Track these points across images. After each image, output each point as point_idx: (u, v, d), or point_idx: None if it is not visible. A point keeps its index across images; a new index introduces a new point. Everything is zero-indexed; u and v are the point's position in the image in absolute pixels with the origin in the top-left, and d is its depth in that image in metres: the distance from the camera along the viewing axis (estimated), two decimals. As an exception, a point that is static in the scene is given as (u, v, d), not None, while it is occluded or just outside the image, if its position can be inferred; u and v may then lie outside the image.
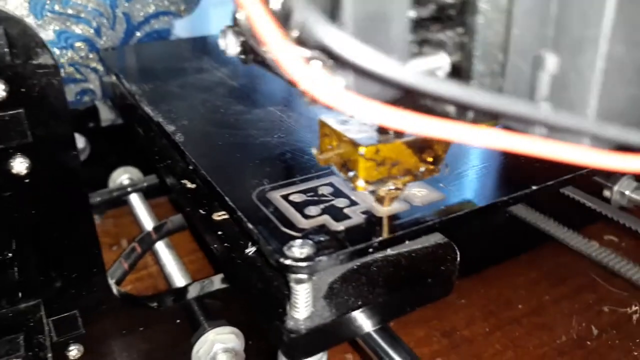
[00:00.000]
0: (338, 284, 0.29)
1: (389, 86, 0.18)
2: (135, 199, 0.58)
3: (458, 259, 0.31)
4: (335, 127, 0.29)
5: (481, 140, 0.17)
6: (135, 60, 0.57)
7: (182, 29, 0.66)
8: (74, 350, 0.37)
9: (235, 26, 0.25)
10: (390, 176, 0.28)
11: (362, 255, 0.27)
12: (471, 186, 0.32)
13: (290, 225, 0.28)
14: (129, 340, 0.39)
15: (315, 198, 0.30)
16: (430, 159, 0.29)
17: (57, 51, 0.58)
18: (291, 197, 0.30)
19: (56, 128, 0.31)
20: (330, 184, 0.32)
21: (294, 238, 0.27)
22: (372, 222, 0.28)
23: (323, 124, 0.30)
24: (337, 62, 0.17)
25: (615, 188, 0.48)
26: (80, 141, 0.60)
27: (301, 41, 0.17)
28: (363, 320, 0.29)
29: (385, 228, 0.28)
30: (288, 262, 0.25)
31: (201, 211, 0.34)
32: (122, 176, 0.62)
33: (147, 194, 0.59)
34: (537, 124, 0.19)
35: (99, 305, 0.36)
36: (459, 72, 0.21)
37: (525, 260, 0.52)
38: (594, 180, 0.49)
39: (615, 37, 0.17)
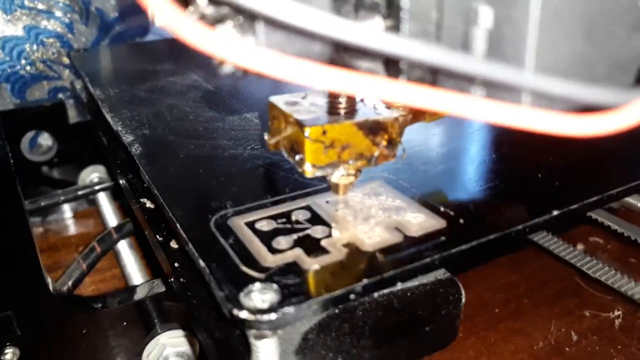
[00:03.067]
0: (314, 335, 0.23)
1: (310, 45, 0.17)
2: (102, 198, 0.55)
3: (463, 299, 0.25)
4: (283, 108, 0.26)
5: (410, 97, 0.16)
6: (106, 62, 0.54)
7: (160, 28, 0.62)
8: (9, 354, 0.34)
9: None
10: (341, 160, 0.26)
11: (340, 302, 0.22)
12: (478, 209, 0.27)
13: (253, 262, 0.22)
14: (70, 343, 0.37)
15: (288, 226, 0.25)
16: (384, 142, 0.26)
17: (27, 47, 0.54)
18: (258, 225, 0.25)
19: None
20: (308, 207, 0.26)
21: (255, 280, 0.21)
22: (356, 258, 0.23)
23: (272, 106, 0.27)
24: (248, 19, 0.16)
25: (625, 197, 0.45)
26: (47, 139, 0.57)
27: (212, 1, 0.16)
28: (345, 381, 0.23)
29: (372, 266, 0.22)
30: (244, 314, 0.20)
31: (158, 237, 0.29)
32: (92, 175, 0.59)
33: (116, 194, 0.56)
34: (474, 81, 0.17)
35: (35, 306, 0.34)
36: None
37: (505, 263, 0.50)
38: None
39: None
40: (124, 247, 0.48)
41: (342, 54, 0.19)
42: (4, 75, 0.55)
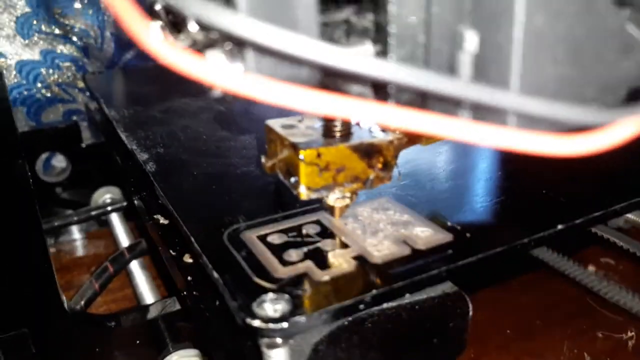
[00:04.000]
0: (324, 346, 0.24)
1: (298, 70, 0.17)
2: (115, 219, 0.56)
3: (470, 312, 0.26)
4: (279, 131, 0.27)
5: (397, 121, 0.16)
6: (120, 85, 0.55)
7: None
8: (24, 371, 0.34)
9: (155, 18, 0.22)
10: (336, 183, 0.26)
11: (350, 312, 0.22)
12: (484, 224, 0.27)
13: (265, 274, 0.23)
14: None
15: (299, 239, 0.26)
16: (379, 165, 0.27)
17: (43, 71, 0.56)
18: (269, 238, 0.26)
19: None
20: (318, 222, 0.27)
21: (267, 291, 0.22)
22: (365, 270, 0.23)
23: (269, 129, 0.28)
24: (237, 45, 0.17)
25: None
26: (62, 161, 0.58)
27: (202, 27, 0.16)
28: (354, 391, 0.24)
29: (381, 278, 0.23)
30: (256, 323, 0.20)
31: (171, 252, 0.29)
32: (104, 196, 0.60)
33: (128, 214, 0.57)
34: (462, 103, 0.17)
35: (51, 323, 0.34)
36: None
37: (517, 285, 0.50)
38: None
39: (532, 7, 0.16)
40: (136, 268, 0.48)
41: (331, 78, 0.20)
42: (20, 98, 0.56)
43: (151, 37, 0.15)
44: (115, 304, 0.50)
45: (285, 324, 0.21)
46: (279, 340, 0.21)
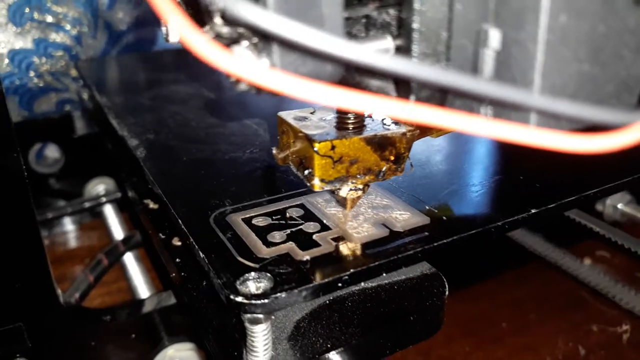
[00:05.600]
0: (305, 323, 0.25)
1: (321, 66, 0.17)
2: (109, 210, 0.55)
3: (446, 292, 0.27)
4: (292, 123, 0.27)
5: (422, 117, 0.16)
6: (112, 72, 0.55)
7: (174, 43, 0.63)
8: (20, 365, 0.34)
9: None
10: (349, 175, 0.26)
11: (329, 290, 0.23)
12: (461, 208, 0.28)
13: (249, 254, 0.24)
14: (80, 355, 0.37)
15: (282, 222, 0.26)
16: (392, 157, 0.27)
17: (36, 60, 0.56)
18: (254, 221, 0.27)
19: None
20: (301, 206, 0.28)
21: (251, 270, 0.23)
22: (344, 250, 0.24)
23: (281, 120, 0.28)
24: (263, 40, 0.17)
25: (608, 202, 0.46)
26: (54, 151, 0.58)
27: (228, 21, 0.16)
28: (334, 366, 0.25)
29: (359, 258, 0.24)
30: (240, 299, 0.21)
31: (161, 235, 0.30)
32: (98, 187, 0.60)
33: (122, 205, 0.57)
34: (484, 100, 0.18)
35: (46, 317, 0.34)
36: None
37: (511, 277, 0.50)
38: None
39: (556, 6, 0.16)
40: (130, 260, 0.48)
41: (353, 73, 0.20)
42: (12, 88, 0.56)
43: (183, 23, 0.15)
44: (110, 297, 0.50)
45: (266, 300, 0.22)
46: (261, 315, 0.22)
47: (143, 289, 0.46)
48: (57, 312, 0.35)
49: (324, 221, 0.27)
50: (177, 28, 0.15)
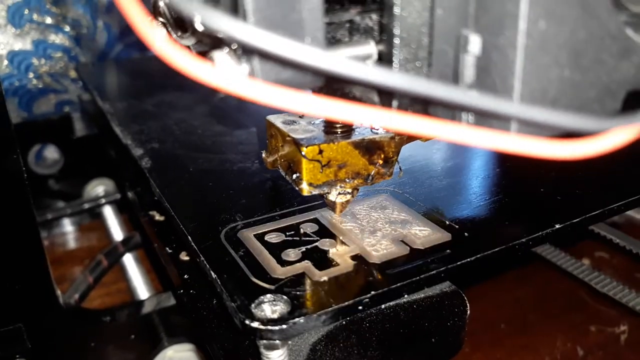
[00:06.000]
0: (322, 346, 0.24)
1: (302, 73, 0.17)
2: (108, 211, 0.55)
3: (468, 311, 0.26)
4: (281, 127, 0.27)
5: (402, 126, 0.16)
6: (113, 76, 0.54)
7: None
8: (19, 366, 0.34)
9: (158, 15, 0.23)
10: (337, 179, 0.26)
11: (349, 314, 0.22)
12: (482, 223, 0.27)
13: (263, 274, 0.23)
14: (80, 356, 0.37)
15: (296, 238, 0.25)
16: (380, 161, 0.27)
17: (35, 61, 0.55)
18: (267, 237, 0.26)
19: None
20: (315, 220, 0.27)
21: (266, 292, 0.22)
22: (363, 270, 0.23)
23: (270, 124, 0.28)
24: (243, 49, 0.16)
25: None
26: (54, 152, 0.58)
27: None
28: (353, 390, 0.24)
29: (380, 278, 0.23)
30: (255, 324, 0.20)
31: (168, 249, 0.29)
32: (97, 188, 0.59)
33: (122, 207, 0.57)
34: (464, 109, 0.17)
35: (46, 318, 0.34)
36: (383, 60, 0.19)
37: (511, 277, 0.50)
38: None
39: (535, 12, 0.16)
40: (129, 261, 0.48)
41: (335, 80, 0.19)
42: (11, 89, 0.55)
43: (156, 35, 0.15)
44: (109, 298, 0.49)
45: (284, 326, 0.20)
46: (277, 341, 0.21)
47: (142, 290, 0.45)
48: (56, 313, 0.35)
49: (340, 237, 0.26)
50: (151, 39, 0.15)
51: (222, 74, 0.15)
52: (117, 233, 0.53)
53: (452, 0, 0.17)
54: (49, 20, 0.55)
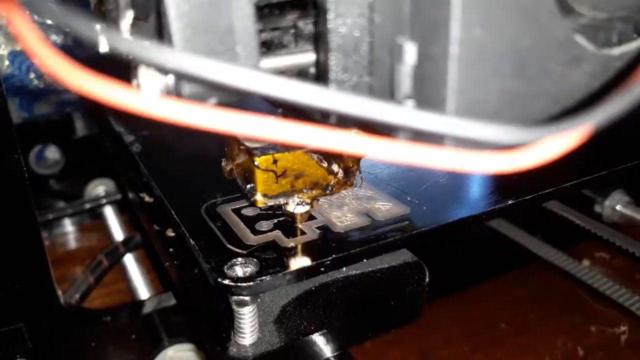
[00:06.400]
0: (291, 307, 0.26)
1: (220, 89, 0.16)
2: (109, 212, 0.56)
3: (427, 279, 0.28)
4: (237, 135, 0.26)
5: (331, 144, 0.15)
6: (110, 71, 0.55)
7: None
8: (20, 366, 0.34)
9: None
10: (294, 190, 0.26)
11: (312, 274, 0.24)
12: (441, 200, 0.30)
13: (237, 241, 0.25)
14: (80, 356, 0.37)
15: (270, 212, 0.28)
16: (339, 171, 0.26)
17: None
18: (243, 211, 0.28)
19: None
20: (289, 197, 0.29)
21: (238, 256, 0.24)
22: (328, 238, 0.26)
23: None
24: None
25: (606, 203, 0.46)
26: (55, 152, 0.58)
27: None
28: (319, 347, 0.26)
29: (341, 245, 0.25)
30: (227, 281, 0.23)
31: (155, 226, 0.32)
32: (98, 188, 0.60)
33: (123, 207, 0.57)
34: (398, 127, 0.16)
35: (46, 318, 0.34)
36: (321, 69, 0.18)
37: (511, 279, 0.50)
38: (584, 195, 0.47)
39: (470, 19, 0.15)
40: (130, 261, 0.48)
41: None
42: (12, 89, 0.56)
43: (55, 59, 0.14)
44: (110, 298, 0.50)
45: (252, 283, 0.23)
46: (247, 298, 0.23)
47: (143, 290, 0.46)
48: (57, 313, 0.35)
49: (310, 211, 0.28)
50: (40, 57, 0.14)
51: (146, 95, 0.15)
52: (118, 233, 0.53)
53: (390, 5, 0.16)
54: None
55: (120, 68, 0.17)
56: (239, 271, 0.23)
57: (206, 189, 0.30)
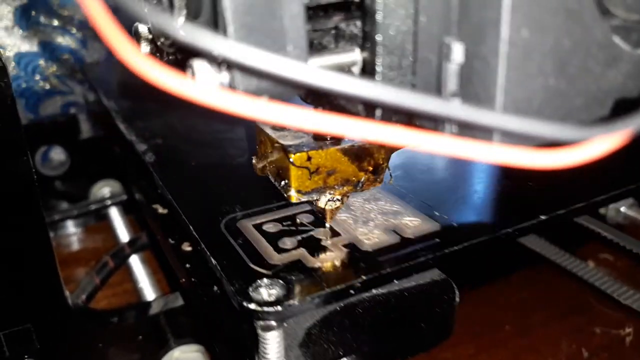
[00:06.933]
0: (317, 330, 0.25)
1: (281, 84, 0.17)
2: (114, 213, 0.56)
3: (457, 299, 0.27)
4: (270, 133, 0.27)
5: (382, 137, 0.16)
6: (118, 75, 0.54)
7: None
8: (28, 367, 0.34)
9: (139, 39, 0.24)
10: (326, 186, 0.26)
11: (341, 297, 0.23)
12: (470, 215, 0.29)
13: (260, 260, 0.24)
14: (87, 356, 0.37)
15: (293, 228, 0.27)
16: (370, 168, 0.26)
17: (42, 63, 0.56)
18: (265, 227, 0.27)
19: (3, 132, 0.29)
20: (311, 211, 0.28)
21: (263, 276, 0.23)
22: (356, 257, 0.25)
23: (259, 130, 0.28)
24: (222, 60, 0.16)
25: (611, 205, 0.46)
26: (60, 153, 0.58)
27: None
28: (346, 372, 0.25)
29: (370, 264, 0.24)
30: (252, 306, 0.21)
31: (170, 240, 0.30)
32: (103, 189, 0.60)
33: (128, 208, 0.57)
34: (447, 121, 0.17)
35: (54, 319, 0.34)
36: (367, 68, 0.19)
37: (515, 280, 0.50)
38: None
39: (517, 20, 0.16)
40: (136, 262, 0.48)
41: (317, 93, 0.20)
42: (18, 91, 0.56)
43: (129, 48, 0.15)
44: (116, 298, 0.50)
45: (279, 307, 0.22)
46: (273, 322, 0.22)
47: (149, 291, 0.46)
48: (65, 314, 0.35)
49: (334, 227, 0.27)
50: (122, 52, 0.15)
51: (201, 85, 0.15)
52: (123, 234, 0.53)
53: (436, 7, 0.17)
54: (55, 22, 0.56)
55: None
56: (264, 293, 0.22)
57: (224, 201, 0.29)
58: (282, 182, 0.26)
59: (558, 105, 0.17)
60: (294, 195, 0.25)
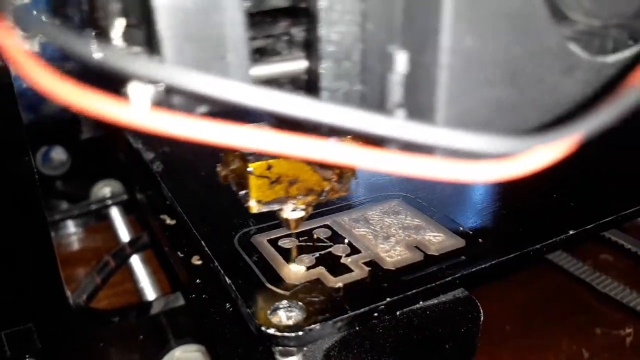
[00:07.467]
0: (336, 352, 0.24)
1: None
2: (115, 213, 0.55)
3: (482, 317, 0.25)
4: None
5: (313, 153, 0.15)
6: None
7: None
8: (30, 366, 0.35)
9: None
10: (289, 196, 0.24)
11: (364, 320, 0.22)
12: (496, 229, 0.27)
13: (277, 280, 0.23)
14: (88, 355, 0.37)
15: (310, 244, 0.25)
16: (334, 177, 0.25)
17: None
18: (280, 242, 0.25)
19: (5, 132, 0.30)
20: (327, 226, 0.27)
21: (281, 298, 0.22)
22: (378, 276, 0.23)
23: None
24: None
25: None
26: (61, 153, 0.58)
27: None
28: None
29: (394, 285, 0.23)
30: (272, 330, 0.20)
31: (179, 253, 0.29)
32: (104, 189, 0.59)
33: (128, 208, 0.57)
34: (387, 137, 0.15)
35: (56, 318, 0.34)
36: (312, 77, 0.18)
37: (516, 280, 0.49)
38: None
39: (461, 28, 0.15)
40: (137, 262, 0.48)
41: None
42: (19, 91, 0.55)
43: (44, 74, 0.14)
44: (117, 298, 0.49)
45: (300, 332, 0.20)
46: (294, 348, 0.21)
47: (150, 291, 0.46)
48: (66, 314, 0.35)
49: (353, 243, 0.26)
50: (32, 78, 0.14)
51: (138, 109, 0.14)
52: (124, 234, 0.53)
53: (382, 13, 0.16)
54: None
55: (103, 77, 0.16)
56: (283, 316, 0.21)
57: (236, 214, 0.28)
58: (242, 192, 0.25)
59: (509, 116, 0.17)
60: (253, 206, 0.24)
